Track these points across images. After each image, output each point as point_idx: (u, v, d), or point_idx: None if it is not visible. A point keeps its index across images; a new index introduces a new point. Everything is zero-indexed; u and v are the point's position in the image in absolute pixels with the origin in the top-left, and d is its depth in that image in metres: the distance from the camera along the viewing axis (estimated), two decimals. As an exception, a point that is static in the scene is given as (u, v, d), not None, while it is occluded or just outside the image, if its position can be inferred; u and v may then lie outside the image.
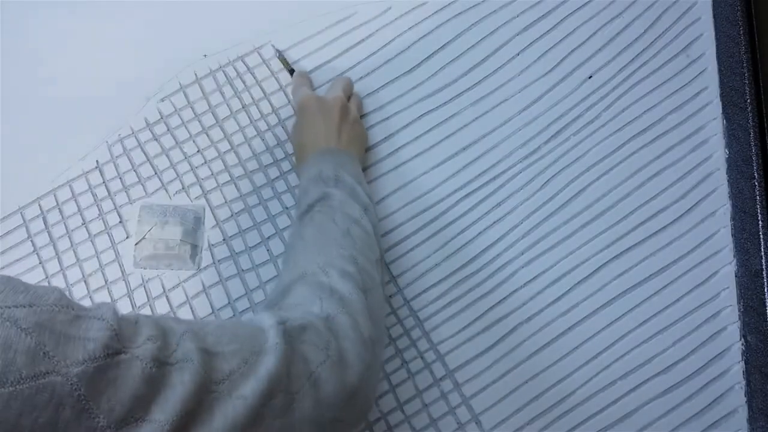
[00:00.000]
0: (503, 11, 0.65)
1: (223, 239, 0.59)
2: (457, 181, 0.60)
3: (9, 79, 0.64)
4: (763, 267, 0.57)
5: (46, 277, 0.59)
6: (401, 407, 0.54)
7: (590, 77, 0.63)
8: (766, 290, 0.57)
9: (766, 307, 0.56)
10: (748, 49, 0.63)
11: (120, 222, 0.60)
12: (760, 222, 0.58)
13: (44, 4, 0.67)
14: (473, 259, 0.58)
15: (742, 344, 0.55)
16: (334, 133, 0.55)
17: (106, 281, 0.59)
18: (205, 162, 0.62)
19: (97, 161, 0.62)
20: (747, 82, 0.62)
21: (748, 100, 0.62)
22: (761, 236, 0.58)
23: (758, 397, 0.54)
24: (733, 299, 0.57)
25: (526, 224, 0.59)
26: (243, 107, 0.63)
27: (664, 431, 0.53)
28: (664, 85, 0.62)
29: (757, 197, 0.59)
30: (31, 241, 0.60)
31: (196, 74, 0.64)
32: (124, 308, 0.58)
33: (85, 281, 0.59)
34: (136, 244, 0.59)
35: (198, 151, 0.62)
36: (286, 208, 0.60)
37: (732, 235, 0.58)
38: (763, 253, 0.58)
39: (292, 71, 0.63)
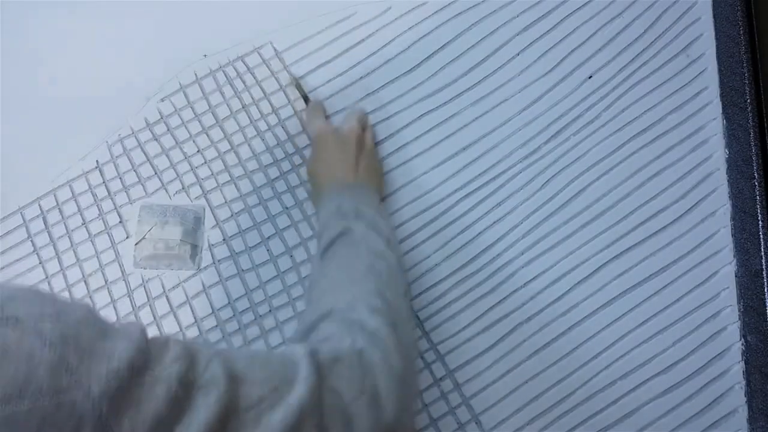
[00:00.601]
0: (503, 11, 0.65)
1: (223, 239, 0.59)
2: (457, 181, 0.60)
3: (9, 79, 0.64)
4: (763, 267, 0.57)
5: (46, 277, 0.59)
6: (401, 407, 0.54)
7: (590, 77, 0.63)
8: (766, 290, 0.57)
9: (766, 307, 0.56)
10: (748, 49, 0.63)
11: (120, 222, 0.60)
12: (760, 222, 0.58)
13: (44, 4, 0.67)
14: (473, 259, 0.58)
15: (742, 344, 0.55)
16: (351, 166, 0.54)
17: (106, 281, 0.59)
18: (205, 162, 0.62)
19: (97, 161, 0.62)
20: (747, 82, 0.62)
21: (748, 100, 0.62)
22: (761, 236, 0.58)
23: (758, 397, 0.54)
24: (733, 299, 0.57)
25: (526, 224, 0.59)
26: (243, 107, 0.63)
27: (664, 431, 0.53)
28: (664, 85, 0.62)
29: (757, 197, 0.59)
30: (31, 241, 0.60)
31: (196, 74, 0.64)
32: (124, 308, 0.58)
33: (85, 281, 0.59)
34: (136, 244, 0.59)
35: (198, 151, 0.62)
36: (286, 208, 0.60)
37: (732, 235, 0.58)
38: (763, 253, 0.58)
39: (306, 98, 0.62)
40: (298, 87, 0.63)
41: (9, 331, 0.24)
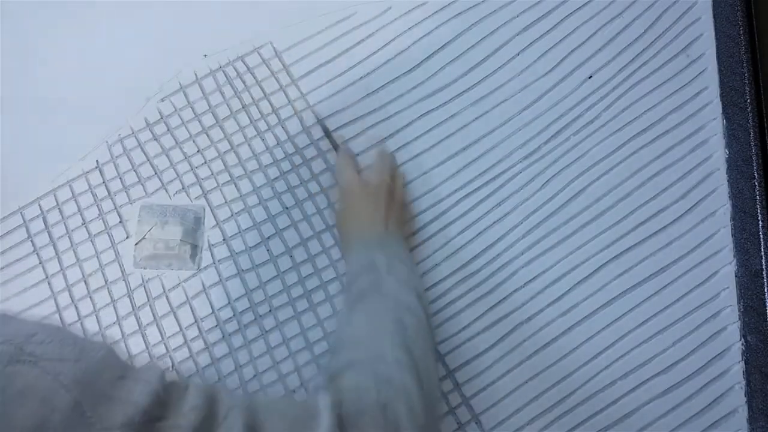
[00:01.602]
0: (503, 11, 0.65)
1: (223, 239, 0.59)
2: (457, 181, 0.60)
3: (9, 79, 0.64)
4: (763, 267, 0.57)
5: (46, 277, 0.59)
6: (401, 407, 0.54)
7: (590, 77, 0.63)
8: (766, 290, 0.57)
9: (766, 307, 0.56)
10: (748, 49, 0.63)
11: (120, 222, 0.60)
12: (760, 222, 0.59)
13: (44, 4, 0.67)
14: (473, 259, 0.58)
15: (742, 344, 0.55)
16: (381, 220, 0.53)
17: (106, 281, 0.59)
18: (205, 162, 0.62)
19: (97, 161, 0.62)
20: (747, 82, 0.62)
21: (748, 100, 0.62)
22: (761, 236, 0.58)
23: (758, 397, 0.54)
24: (733, 299, 0.57)
25: (526, 224, 0.59)
26: (243, 107, 0.63)
27: (664, 431, 0.53)
28: (664, 85, 0.62)
29: (757, 197, 0.59)
30: (31, 241, 0.60)
31: (196, 74, 0.64)
32: (124, 308, 0.58)
33: (85, 281, 0.59)
34: (136, 244, 0.59)
35: (198, 151, 0.62)
36: (286, 208, 0.60)
37: (732, 235, 0.58)
38: (763, 253, 0.58)
39: (336, 147, 0.61)
40: (329, 136, 0.62)
41: (27, 370, 0.24)
